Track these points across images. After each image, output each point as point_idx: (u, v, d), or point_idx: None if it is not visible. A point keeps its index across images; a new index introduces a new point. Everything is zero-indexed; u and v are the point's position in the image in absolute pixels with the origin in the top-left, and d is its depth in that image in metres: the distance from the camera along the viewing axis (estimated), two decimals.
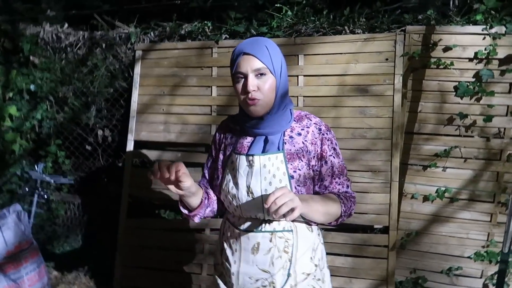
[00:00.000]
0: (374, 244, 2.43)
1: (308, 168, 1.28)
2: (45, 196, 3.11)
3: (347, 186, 1.34)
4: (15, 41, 3.04)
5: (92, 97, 3.02)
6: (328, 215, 1.25)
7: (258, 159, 1.25)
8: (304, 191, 1.28)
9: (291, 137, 1.29)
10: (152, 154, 2.82)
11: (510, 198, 1.81)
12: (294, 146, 1.27)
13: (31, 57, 3.03)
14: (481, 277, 2.46)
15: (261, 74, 1.20)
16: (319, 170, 1.30)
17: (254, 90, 1.19)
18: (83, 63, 3.01)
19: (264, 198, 1.22)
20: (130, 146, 2.80)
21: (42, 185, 3.13)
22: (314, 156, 1.29)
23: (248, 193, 1.25)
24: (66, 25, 3.06)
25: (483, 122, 2.36)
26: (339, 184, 1.32)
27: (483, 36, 2.32)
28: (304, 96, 2.48)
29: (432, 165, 2.46)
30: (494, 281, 2.40)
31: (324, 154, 1.30)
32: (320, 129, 1.31)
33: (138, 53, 2.84)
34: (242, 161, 1.28)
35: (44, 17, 3.09)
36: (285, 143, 1.28)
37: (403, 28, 2.44)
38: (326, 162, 1.30)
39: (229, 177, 1.31)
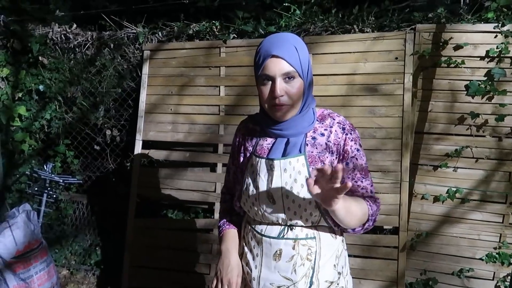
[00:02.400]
0: (384, 245, 2.40)
1: None
2: (54, 196, 3.13)
3: (371, 191, 1.25)
4: (24, 41, 3.06)
5: (100, 97, 3.03)
6: (357, 218, 1.16)
7: (279, 163, 1.19)
8: None
9: (313, 138, 1.22)
10: (160, 154, 2.82)
11: None
12: (316, 148, 1.21)
13: (40, 58, 3.05)
14: (493, 279, 2.42)
15: (290, 78, 1.12)
16: None
17: (282, 96, 1.12)
18: (92, 63, 3.02)
19: (285, 203, 1.19)
20: (138, 146, 2.81)
21: (51, 185, 3.14)
22: (337, 157, 1.22)
23: (269, 198, 1.20)
24: (75, 25, 3.07)
25: (495, 122, 2.32)
26: (362, 188, 1.23)
27: (494, 34, 2.28)
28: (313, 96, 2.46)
29: (443, 165, 2.42)
30: (507, 283, 2.36)
31: (346, 155, 1.21)
32: (344, 129, 1.22)
33: (146, 53, 2.84)
34: (262, 164, 1.22)
35: (52, 18, 3.11)
36: (307, 144, 1.21)
37: (413, 26, 2.41)
38: (348, 164, 1.21)
39: (249, 180, 1.25)
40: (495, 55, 2.28)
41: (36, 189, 3.13)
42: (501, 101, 2.31)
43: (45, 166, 3.12)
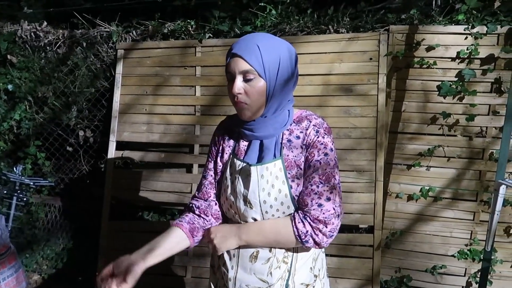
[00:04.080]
0: (359, 244, 2.43)
1: None
2: (25, 199, 3.03)
3: (327, 199, 1.10)
4: None
5: (73, 97, 2.95)
6: (274, 243, 1.17)
7: (255, 169, 1.16)
8: None
9: (289, 140, 1.18)
10: (135, 155, 2.76)
11: (493, 197, 1.82)
12: (292, 151, 1.16)
13: (8, 56, 2.94)
14: (464, 275, 2.48)
15: (248, 77, 1.10)
16: (304, 175, 1.16)
17: (239, 93, 1.11)
18: (63, 62, 2.94)
19: (263, 208, 1.17)
20: (112, 147, 2.75)
21: (21, 188, 3.04)
22: (304, 161, 1.16)
23: (246, 203, 1.18)
24: (45, 23, 2.98)
25: (466, 121, 2.38)
26: (314, 193, 1.11)
27: (465, 35, 2.34)
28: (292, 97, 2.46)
29: (416, 165, 2.47)
30: (477, 279, 2.42)
31: (310, 157, 1.14)
32: (317, 132, 1.16)
33: (120, 52, 2.79)
34: (240, 167, 1.20)
35: (22, 15, 3.01)
36: (283, 147, 1.17)
37: (387, 27, 2.45)
38: (309, 166, 1.14)
39: (228, 182, 1.23)
40: (466, 56, 2.33)
41: (5, 192, 3.02)
42: (471, 101, 2.37)
43: (14, 168, 3.01)
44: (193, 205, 1.29)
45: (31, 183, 2.96)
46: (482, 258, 2.41)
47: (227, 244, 1.20)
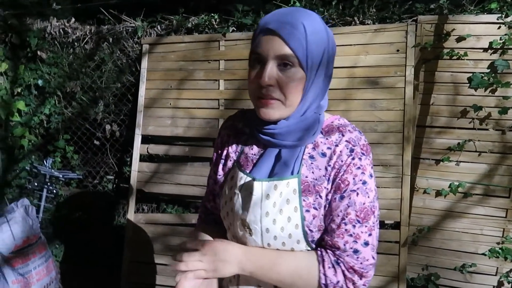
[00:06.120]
0: (385, 240, 2.38)
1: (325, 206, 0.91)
2: (54, 191, 3.12)
3: (365, 244, 0.87)
4: (22, 36, 3.04)
5: (100, 92, 3.01)
6: (288, 286, 0.90)
7: (260, 186, 0.90)
8: (317, 238, 0.92)
9: (311, 157, 0.91)
10: (159, 149, 2.80)
11: None
12: (313, 172, 0.90)
13: (38, 52, 3.03)
14: (496, 274, 2.39)
15: (286, 64, 0.83)
16: (330, 206, 0.90)
17: (270, 85, 0.84)
18: (91, 57, 3.00)
19: (264, 238, 0.90)
20: (137, 141, 2.79)
21: (51, 180, 3.13)
22: (332, 188, 0.90)
23: (244, 227, 0.92)
24: (73, 19, 3.05)
25: (498, 115, 2.28)
26: (349, 235, 0.87)
27: (498, 25, 2.24)
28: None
29: (445, 159, 2.39)
30: (510, 279, 2.33)
31: (342, 185, 0.88)
32: (352, 150, 0.89)
33: (145, 47, 2.82)
34: (243, 181, 0.94)
35: (51, 12, 3.08)
36: (303, 165, 0.91)
37: (415, 18, 2.38)
38: (342, 197, 0.88)
39: (227, 197, 0.98)
40: (499, 47, 2.24)
41: (36, 184, 3.12)
42: (505, 94, 2.27)
43: (45, 162, 3.11)
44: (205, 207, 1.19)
45: (60, 176, 3.04)
46: None
47: (223, 271, 0.90)
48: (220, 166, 1.04)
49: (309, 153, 0.91)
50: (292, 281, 0.88)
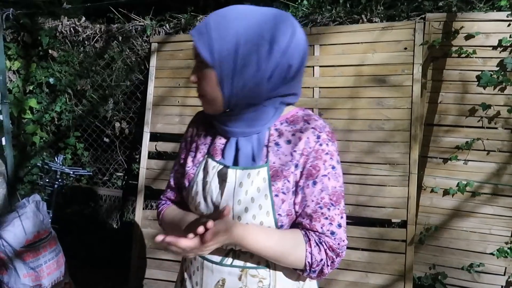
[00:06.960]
0: (391, 238, 2.37)
1: (294, 192, 0.93)
2: (65, 187, 3.17)
3: (338, 225, 0.92)
4: (34, 34, 3.10)
5: (109, 90, 3.05)
6: (282, 260, 0.92)
7: (234, 173, 0.93)
8: (287, 224, 0.95)
9: (277, 144, 0.95)
10: (168, 146, 2.82)
11: None
12: (279, 158, 0.93)
13: (49, 51, 3.08)
14: (504, 274, 2.37)
15: (199, 63, 0.91)
16: (303, 192, 0.93)
17: (194, 82, 0.95)
18: (100, 56, 3.04)
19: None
20: (146, 138, 2.82)
21: (62, 176, 3.18)
22: (301, 174, 0.93)
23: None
24: (84, 18, 3.09)
25: (507, 113, 2.26)
26: (325, 218, 0.91)
27: (507, 22, 2.22)
28: (320, 87, 2.43)
29: (453, 158, 2.37)
30: None
31: (314, 171, 0.92)
32: (318, 137, 0.93)
33: (154, 45, 2.85)
34: (215, 170, 0.96)
35: (62, 11, 3.13)
36: (269, 152, 0.94)
37: (423, 16, 2.36)
38: (315, 182, 0.92)
39: (197, 188, 0.99)
40: (508, 44, 2.21)
41: (47, 180, 3.17)
42: None
43: (56, 158, 3.16)
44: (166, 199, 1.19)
45: (71, 172, 3.09)
46: None
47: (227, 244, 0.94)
48: (190, 159, 1.05)
49: (274, 140, 0.95)
50: (282, 251, 0.91)
